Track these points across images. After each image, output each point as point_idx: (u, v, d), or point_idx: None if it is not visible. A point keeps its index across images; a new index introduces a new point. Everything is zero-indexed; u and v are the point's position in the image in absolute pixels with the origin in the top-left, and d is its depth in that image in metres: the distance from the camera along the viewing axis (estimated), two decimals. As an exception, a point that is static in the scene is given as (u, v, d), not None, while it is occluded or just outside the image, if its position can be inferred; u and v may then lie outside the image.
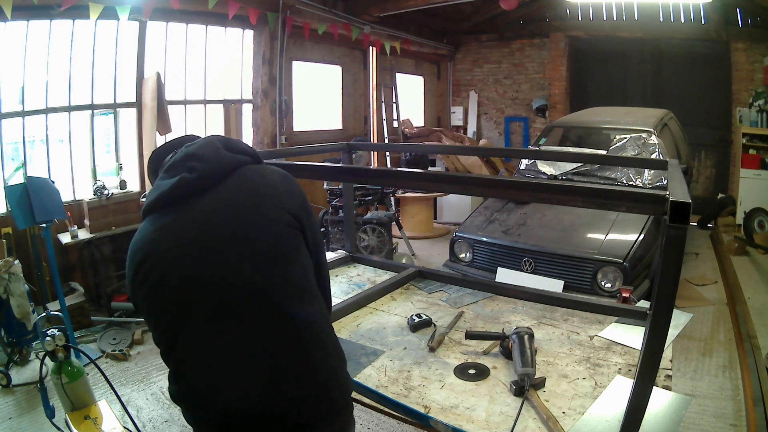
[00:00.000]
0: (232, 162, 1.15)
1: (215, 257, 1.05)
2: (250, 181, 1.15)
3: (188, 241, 1.07)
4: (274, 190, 1.15)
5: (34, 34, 4.02)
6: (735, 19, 7.21)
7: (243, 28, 5.80)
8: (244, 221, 1.08)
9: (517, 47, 9.15)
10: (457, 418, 1.27)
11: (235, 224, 1.08)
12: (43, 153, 4.26)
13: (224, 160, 1.14)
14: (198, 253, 1.06)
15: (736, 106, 7.21)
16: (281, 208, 1.13)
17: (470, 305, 1.99)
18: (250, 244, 1.07)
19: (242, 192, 1.12)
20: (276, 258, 1.08)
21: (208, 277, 1.04)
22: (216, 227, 1.08)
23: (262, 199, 1.13)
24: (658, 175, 4.18)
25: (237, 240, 1.07)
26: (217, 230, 1.07)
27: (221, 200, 1.10)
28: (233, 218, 1.08)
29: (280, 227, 1.10)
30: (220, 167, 1.13)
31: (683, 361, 3.38)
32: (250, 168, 1.18)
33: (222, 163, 1.13)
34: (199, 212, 1.08)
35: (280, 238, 1.10)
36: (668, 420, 1.21)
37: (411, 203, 6.66)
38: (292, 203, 1.15)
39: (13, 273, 3.14)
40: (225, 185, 1.12)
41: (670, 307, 0.94)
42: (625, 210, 1.01)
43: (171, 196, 1.10)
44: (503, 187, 1.25)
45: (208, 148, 1.15)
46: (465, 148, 6.96)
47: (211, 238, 1.06)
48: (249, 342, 1.03)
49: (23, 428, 2.74)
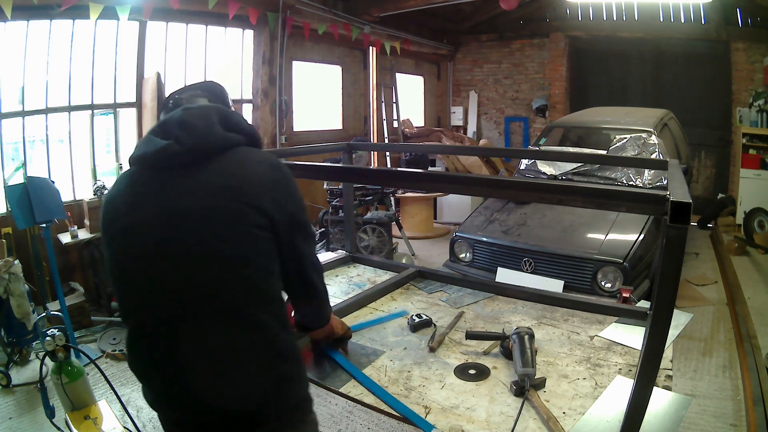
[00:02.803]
0: (222, 142, 1.11)
1: (171, 250, 1.06)
2: (230, 170, 1.09)
3: (150, 227, 1.07)
4: (250, 184, 1.09)
5: (34, 34, 4.02)
6: (735, 19, 7.21)
7: (243, 28, 5.80)
8: (208, 216, 1.06)
9: (517, 47, 9.15)
10: (458, 418, 1.27)
11: (200, 218, 1.06)
12: (43, 153, 4.26)
13: (214, 138, 1.10)
14: (156, 243, 1.06)
15: (736, 106, 7.20)
16: (250, 204, 1.07)
17: (470, 305, 1.99)
18: (207, 242, 1.05)
19: (217, 181, 1.08)
20: (230, 259, 1.05)
21: (163, 268, 1.06)
22: (179, 218, 1.06)
23: (233, 193, 1.07)
24: (658, 175, 4.18)
25: (195, 235, 1.05)
26: (179, 223, 1.06)
27: (197, 185, 1.07)
28: (200, 212, 1.06)
29: (239, 227, 1.05)
30: (208, 145, 1.09)
31: (683, 361, 3.38)
32: (239, 151, 1.12)
33: (210, 142, 1.09)
34: (172, 195, 1.07)
35: (238, 238, 1.06)
36: (668, 420, 1.21)
37: (411, 203, 6.66)
38: (267, 200, 1.08)
39: (13, 273, 3.14)
40: (207, 168, 1.08)
41: (670, 307, 0.94)
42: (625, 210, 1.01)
43: (154, 161, 1.09)
44: (503, 187, 1.25)
45: (203, 120, 1.11)
46: (465, 148, 6.96)
47: (171, 231, 1.06)
48: (196, 343, 1.04)
49: (23, 428, 2.74)
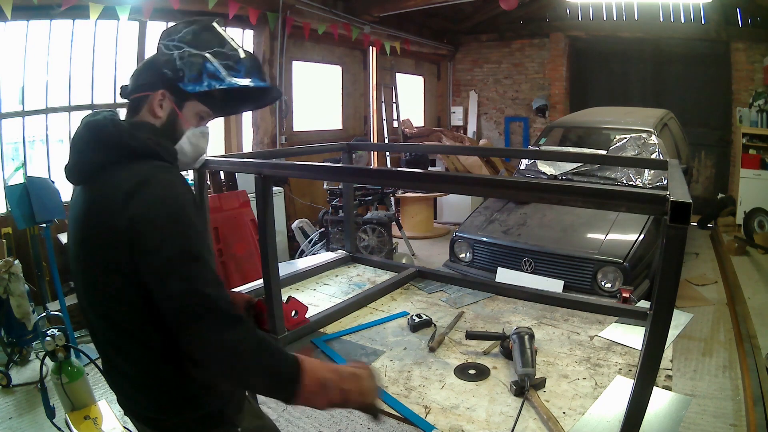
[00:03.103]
0: (91, 166, 1.07)
1: (73, 266, 1.15)
2: (89, 200, 1.05)
3: (69, 234, 1.16)
4: (100, 217, 1.01)
5: (34, 34, 4.02)
6: (735, 19, 7.21)
7: (243, 28, 5.79)
8: (77, 246, 1.10)
9: (517, 47, 9.15)
10: (458, 418, 1.27)
11: (75, 245, 1.11)
12: (43, 153, 4.26)
13: (84, 162, 1.08)
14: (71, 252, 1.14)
15: (736, 106, 7.20)
16: (101, 244, 1.01)
17: (470, 305, 1.99)
18: (78, 274, 1.11)
19: (80, 212, 1.07)
20: (95, 300, 1.09)
21: (76, 279, 1.13)
22: (70, 238, 1.14)
23: (87, 229, 1.05)
24: (658, 175, 4.18)
25: (76, 262, 1.12)
26: (70, 242, 1.14)
27: (74, 210, 1.12)
28: (74, 239, 1.11)
29: (95, 271, 1.05)
30: (81, 170, 1.09)
31: (683, 361, 3.38)
32: (108, 173, 1.04)
33: (82, 166, 1.09)
34: (72, 212, 1.15)
35: (95, 283, 1.07)
36: (668, 420, 1.21)
37: (411, 203, 6.66)
38: (118, 237, 0.97)
39: (13, 273, 3.14)
40: (84, 192, 1.08)
41: (670, 307, 0.94)
42: (625, 210, 1.01)
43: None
44: (503, 187, 1.24)
45: (79, 140, 1.09)
46: (465, 148, 6.96)
47: (70, 247, 1.15)
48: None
49: (23, 428, 2.74)
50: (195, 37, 1.17)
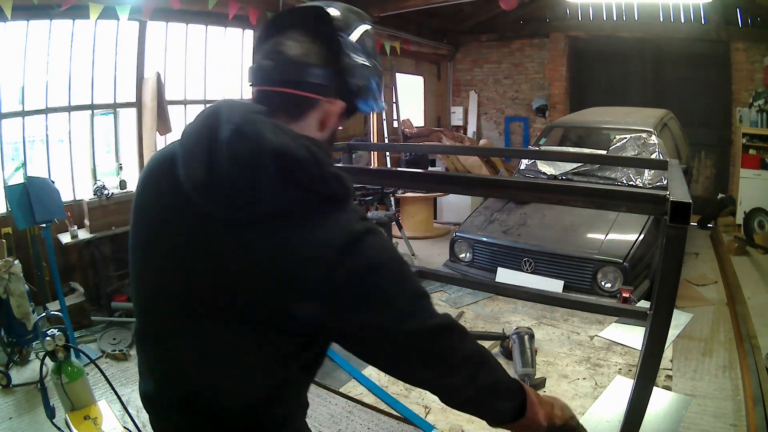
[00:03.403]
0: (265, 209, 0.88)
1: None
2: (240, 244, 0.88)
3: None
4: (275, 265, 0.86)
5: (34, 34, 4.02)
6: (735, 19, 7.21)
7: (243, 28, 5.79)
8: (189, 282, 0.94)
9: (517, 47, 9.15)
10: (458, 418, 1.27)
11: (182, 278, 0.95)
12: (43, 153, 4.26)
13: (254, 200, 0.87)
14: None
15: (736, 106, 7.20)
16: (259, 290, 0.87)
17: (470, 305, 1.99)
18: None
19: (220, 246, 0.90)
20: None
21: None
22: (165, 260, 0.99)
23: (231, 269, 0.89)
24: (658, 175, 4.18)
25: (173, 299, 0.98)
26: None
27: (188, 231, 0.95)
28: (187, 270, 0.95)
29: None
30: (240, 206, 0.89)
31: (683, 361, 3.37)
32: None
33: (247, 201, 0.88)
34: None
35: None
36: (668, 420, 1.21)
37: (411, 203, 6.66)
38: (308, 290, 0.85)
39: (13, 273, 3.14)
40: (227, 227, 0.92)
41: (670, 307, 0.94)
42: (626, 210, 1.01)
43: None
44: (503, 187, 1.25)
45: (236, 158, 0.83)
46: (465, 148, 6.96)
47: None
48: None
49: (23, 428, 2.74)
50: (367, 40, 0.96)
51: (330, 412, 2.75)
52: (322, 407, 2.79)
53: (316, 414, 2.75)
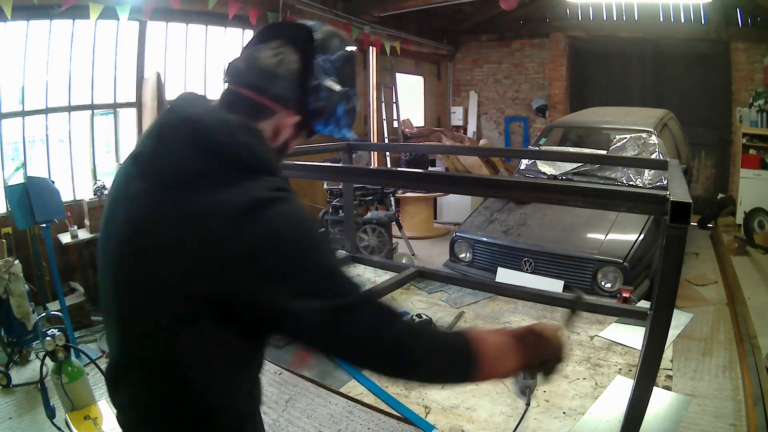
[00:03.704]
0: (185, 173, 0.92)
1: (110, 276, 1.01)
2: (173, 209, 0.90)
3: None
4: (188, 232, 0.86)
5: (34, 34, 4.02)
6: (735, 19, 7.21)
7: (243, 28, 5.80)
8: (129, 256, 0.95)
9: (517, 47, 9.15)
10: (458, 418, 1.27)
11: (123, 254, 0.96)
12: (43, 153, 4.26)
13: (176, 167, 0.92)
14: None
15: (736, 106, 7.20)
16: (174, 263, 0.87)
17: (470, 305, 1.99)
18: (121, 285, 0.97)
19: (149, 218, 0.91)
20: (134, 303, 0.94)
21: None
22: (111, 243, 1.01)
23: (153, 241, 0.89)
24: (658, 175, 4.18)
25: (117, 273, 0.98)
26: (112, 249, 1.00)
27: (132, 209, 0.96)
28: (124, 247, 0.96)
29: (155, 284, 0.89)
30: (166, 172, 0.93)
31: (683, 361, 3.38)
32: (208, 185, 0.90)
33: (171, 169, 0.92)
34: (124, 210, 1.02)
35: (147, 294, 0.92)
36: (668, 420, 1.21)
37: (411, 203, 6.66)
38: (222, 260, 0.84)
39: (13, 273, 3.14)
40: (159, 194, 0.94)
41: (670, 307, 0.94)
42: (626, 210, 1.01)
43: None
44: (503, 187, 1.25)
45: (170, 133, 0.91)
46: (465, 148, 6.96)
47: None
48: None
49: (23, 428, 2.74)
50: (344, 67, 0.98)
51: (330, 412, 2.76)
52: (322, 407, 2.79)
53: (316, 414, 2.75)
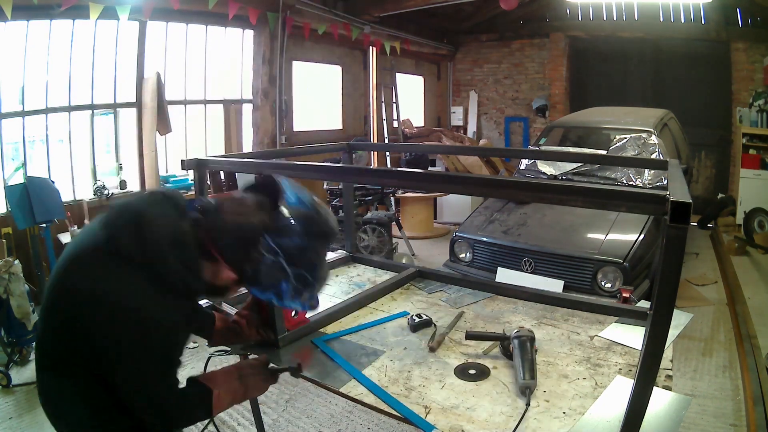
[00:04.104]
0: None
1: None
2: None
3: None
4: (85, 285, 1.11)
5: (34, 34, 4.02)
6: (735, 19, 7.21)
7: (243, 28, 5.80)
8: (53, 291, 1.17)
9: (517, 47, 9.15)
10: (458, 418, 1.27)
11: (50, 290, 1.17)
12: (43, 153, 4.26)
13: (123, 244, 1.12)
14: None
15: (736, 106, 7.21)
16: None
17: (470, 305, 1.99)
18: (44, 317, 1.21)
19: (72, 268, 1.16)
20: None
21: None
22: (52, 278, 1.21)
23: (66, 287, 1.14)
24: (658, 175, 4.18)
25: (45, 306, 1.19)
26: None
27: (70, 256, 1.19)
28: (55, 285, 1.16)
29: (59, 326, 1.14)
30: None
31: (683, 361, 3.38)
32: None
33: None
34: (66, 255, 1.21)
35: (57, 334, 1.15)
36: (668, 420, 1.21)
37: (411, 203, 6.66)
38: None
39: (13, 273, 3.14)
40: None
41: (670, 307, 0.94)
42: (626, 210, 1.01)
43: None
44: (503, 187, 1.24)
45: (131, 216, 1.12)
46: (465, 148, 6.96)
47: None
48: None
49: (23, 428, 2.74)
50: (301, 254, 1.11)
51: (330, 412, 2.76)
52: (322, 407, 2.80)
53: (317, 414, 2.75)
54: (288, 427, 2.66)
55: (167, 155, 5.15)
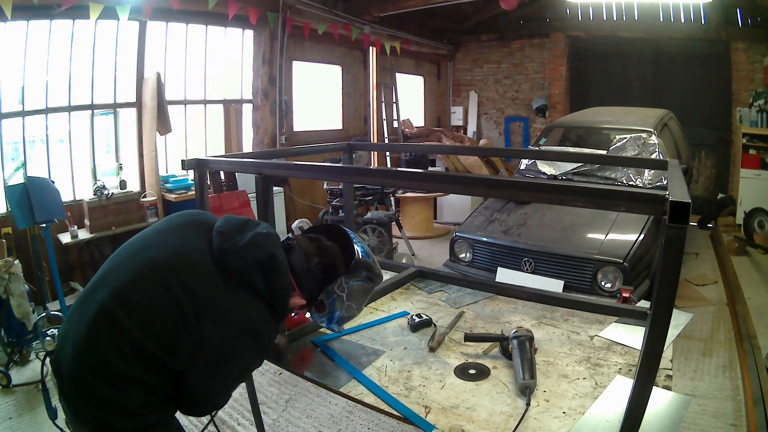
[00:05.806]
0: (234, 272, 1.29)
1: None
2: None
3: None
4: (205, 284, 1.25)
5: (34, 34, 4.02)
6: (735, 19, 7.21)
7: (243, 28, 5.80)
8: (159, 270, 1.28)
9: (517, 47, 9.15)
10: (458, 418, 1.27)
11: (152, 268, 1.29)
12: (43, 153, 4.26)
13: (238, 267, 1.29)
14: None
15: (736, 106, 7.20)
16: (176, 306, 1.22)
17: (470, 305, 1.99)
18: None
19: (193, 258, 1.28)
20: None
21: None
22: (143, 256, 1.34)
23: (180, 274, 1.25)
24: (658, 175, 4.18)
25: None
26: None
27: (185, 246, 1.32)
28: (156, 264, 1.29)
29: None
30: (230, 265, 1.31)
31: (683, 361, 3.38)
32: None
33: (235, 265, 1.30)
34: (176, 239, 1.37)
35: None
36: (668, 420, 1.21)
37: (411, 203, 6.66)
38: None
39: (13, 273, 3.14)
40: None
41: (670, 307, 0.94)
42: (625, 210, 1.01)
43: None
44: (503, 187, 1.24)
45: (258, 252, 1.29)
46: (465, 148, 6.96)
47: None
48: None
49: (23, 428, 2.74)
50: (359, 292, 1.37)
51: (330, 412, 2.76)
52: (322, 407, 2.79)
53: (317, 414, 2.75)
54: (288, 427, 2.66)
55: (167, 155, 5.15)
